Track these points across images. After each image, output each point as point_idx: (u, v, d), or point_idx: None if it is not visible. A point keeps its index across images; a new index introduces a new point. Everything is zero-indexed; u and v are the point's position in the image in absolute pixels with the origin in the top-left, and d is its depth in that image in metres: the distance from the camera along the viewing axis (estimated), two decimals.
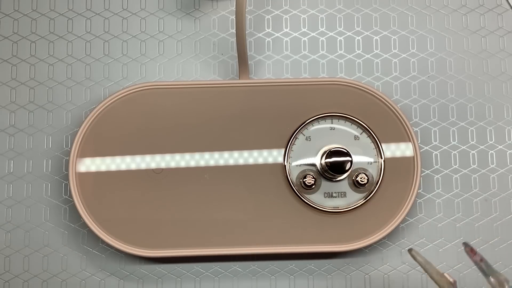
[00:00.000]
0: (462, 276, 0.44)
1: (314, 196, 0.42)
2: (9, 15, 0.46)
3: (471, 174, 0.45)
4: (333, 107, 0.42)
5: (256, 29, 0.46)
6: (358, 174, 0.41)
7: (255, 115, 0.42)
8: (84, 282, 0.43)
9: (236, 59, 0.45)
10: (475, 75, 0.46)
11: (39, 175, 0.44)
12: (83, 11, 0.46)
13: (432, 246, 0.44)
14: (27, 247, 0.44)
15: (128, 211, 0.41)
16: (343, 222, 0.41)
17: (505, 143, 0.45)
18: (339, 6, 0.47)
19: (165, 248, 0.41)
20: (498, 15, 0.47)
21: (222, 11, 0.47)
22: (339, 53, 0.46)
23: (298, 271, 0.44)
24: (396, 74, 0.46)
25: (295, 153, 0.42)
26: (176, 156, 0.42)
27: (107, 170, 0.41)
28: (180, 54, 0.46)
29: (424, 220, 0.44)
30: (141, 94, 0.42)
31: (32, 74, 0.45)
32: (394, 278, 0.44)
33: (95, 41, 0.46)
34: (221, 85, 0.42)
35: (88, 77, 0.45)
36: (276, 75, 0.46)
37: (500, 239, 0.44)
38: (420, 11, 0.47)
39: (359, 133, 0.42)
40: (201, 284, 0.43)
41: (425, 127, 0.45)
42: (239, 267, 0.44)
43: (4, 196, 0.44)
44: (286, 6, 0.47)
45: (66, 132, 0.45)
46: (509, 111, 0.45)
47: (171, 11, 0.46)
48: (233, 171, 0.42)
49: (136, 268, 0.43)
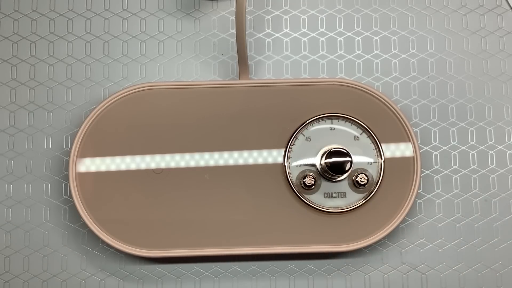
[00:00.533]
0: (462, 276, 0.44)
1: (314, 196, 0.42)
2: (9, 15, 0.46)
3: (471, 175, 0.45)
4: (333, 108, 0.42)
5: (256, 30, 0.46)
6: (358, 174, 0.41)
7: (255, 115, 0.42)
8: (84, 282, 0.43)
9: (236, 60, 0.45)
10: (475, 75, 0.46)
11: (39, 175, 0.44)
12: (83, 12, 0.46)
13: (432, 246, 0.44)
14: (27, 247, 0.44)
15: (128, 211, 0.41)
16: (343, 222, 0.41)
17: (505, 144, 0.45)
18: (339, 6, 0.47)
19: (165, 248, 0.41)
20: (498, 15, 0.47)
21: (222, 11, 0.47)
22: (339, 54, 0.46)
23: (298, 271, 0.44)
24: (396, 74, 0.46)
25: (295, 153, 0.42)
26: (176, 156, 0.42)
27: (107, 170, 0.41)
28: (180, 54, 0.46)
29: (424, 220, 0.44)
30: (141, 94, 0.42)
31: (32, 75, 0.45)
32: (393, 278, 0.44)
33: (95, 41, 0.46)
34: (221, 85, 0.42)
35: (88, 78, 0.45)
36: (276, 76, 0.46)
37: (500, 239, 0.44)
38: (420, 11, 0.47)
39: (359, 133, 0.42)
40: (201, 284, 0.43)
41: (425, 128, 0.45)
42: (239, 267, 0.44)
43: (4, 196, 0.44)
44: (286, 6, 0.47)
45: (66, 132, 0.45)
46: (509, 112, 0.45)
47: (171, 11, 0.47)
48: (233, 171, 0.42)
49: (136, 268, 0.44)
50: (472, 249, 0.44)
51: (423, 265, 0.44)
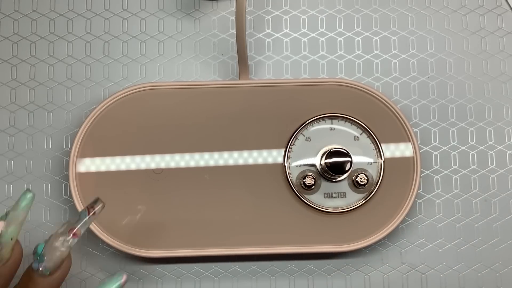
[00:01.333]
0: (462, 276, 0.44)
1: (314, 196, 0.42)
2: (9, 15, 0.46)
3: (471, 175, 0.45)
4: (333, 108, 0.42)
5: (256, 30, 0.46)
6: (358, 174, 0.41)
7: (255, 116, 0.42)
8: (84, 283, 0.43)
9: (236, 60, 0.45)
10: (475, 75, 0.46)
11: (39, 175, 0.44)
12: (83, 12, 0.46)
13: (432, 246, 0.44)
14: (27, 247, 0.43)
15: (128, 212, 0.41)
16: (343, 222, 0.41)
17: (505, 144, 0.45)
18: (339, 6, 0.47)
19: (165, 248, 0.41)
20: (497, 15, 0.47)
21: (222, 11, 0.47)
22: (339, 54, 0.46)
23: (298, 271, 0.44)
24: (396, 74, 0.46)
25: (295, 153, 0.42)
26: (176, 156, 0.42)
27: (107, 170, 0.41)
28: (180, 54, 0.46)
29: (424, 220, 0.44)
30: (141, 94, 0.42)
31: (32, 75, 0.45)
32: (393, 279, 0.44)
33: (95, 41, 0.46)
34: (221, 85, 0.43)
35: (88, 78, 0.45)
36: (276, 76, 0.46)
37: (499, 240, 0.44)
38: (420, 11, 0.47)
39: (359, 133, 0.42)
40: (201, 285, 0.43)
41: (425, 128, 0.45)
42: (239, 267, 0.44)
43: (4, 196, 0.44)
44: (286, 6, 0.47)
45: (66, 133, 0.45)
46: (508, 112, 0.45)
47: (171, 11, 0.47)
48: (233, 172, 0.42)
49: (136, 269, 0.44)
50: (472, 249, 0.44)
51: (423, 265, 0.44)
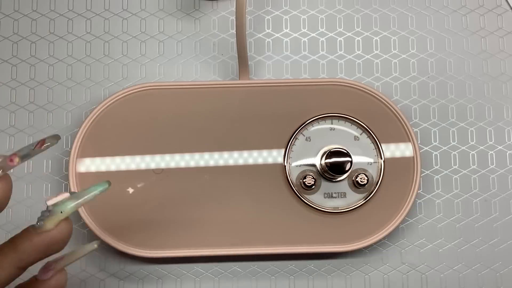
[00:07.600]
0: (462, 276, 0.44)
1: (314, 196, 0.42)
2: (9, 15, 0.46)
3: (471, 175, 0.45)
4: (333, 108, 0.42)
5: (256, 30, 0.46)
6: (358, 174, 0.41)
7: (255, 116, 0.42)
8: (84, 283, 0.43)
9: (236, 60, 0.45)
10: (475, 75, 0.46)
11: (39, 175, 0.44)
12: (83, 12, 0.46)
13: (432, 246, 0.44)
14: None
15: (128, 212, 0.41)
16: (343, 222, 0.41)
17: (505, 144, 0.45)
18: (339, 6, 0.47)
19: (165, 248, 0.41)
20: (498, 15, 0.47)
21: (222, 11, 0.47)
22: (339, 54, 0.46)
23: (298, 271, 0.44)
24: (396, 74, 0.46)
25: (295, 153, 0.42)
26: (176, 156, 0.42)
27: (107, 170, 0.41)
28: (180, 54, 0.46)
29: (424, 220, 0.44)
30: (141, 94, 0.42)
31: (32, 75, 0.45)
32: (393, 279, 0.44)
33: (95, 41, 0.46)
34: (221, 85, 0.43)
35: (88, 78, 0.45)
36: (276, 76, 0.46)
37: (500, 240, 0.44)
38: (420, 11, 0.47)
39: (359, 133, 0.42)
40: (201, 285, 0.43)
41: (425, 128, 0.45)
42: (239, 267, 0.44)
43: None
44: (286, 6, 0.47)
45: (66, 133, 0.45)
46: (508, 112, 0.45)
47: (171, 11, 0.47)
48: (233, 172, 0.42)
49: (136, 269, 0.43)
50: (472, 249, 0.44)
51: (423, 265, 0.44)
